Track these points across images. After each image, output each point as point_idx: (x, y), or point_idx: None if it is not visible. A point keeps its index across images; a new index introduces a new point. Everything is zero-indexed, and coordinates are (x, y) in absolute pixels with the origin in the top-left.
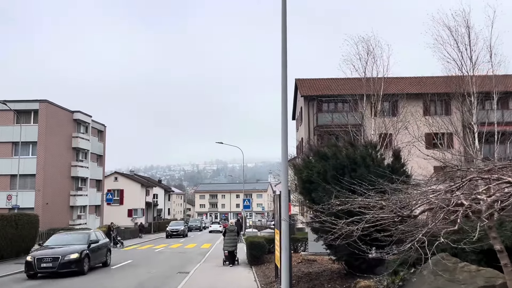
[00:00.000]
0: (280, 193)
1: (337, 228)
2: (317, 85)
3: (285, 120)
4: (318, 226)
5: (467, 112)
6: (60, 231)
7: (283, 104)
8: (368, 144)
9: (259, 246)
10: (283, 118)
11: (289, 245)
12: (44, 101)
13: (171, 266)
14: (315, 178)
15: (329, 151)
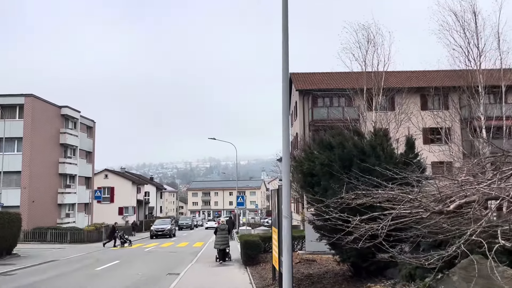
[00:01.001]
0: (279, 188)
1: (351, 226)
2: (312, 79)
3: (287, 98)
4: (321, 223)
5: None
6: (47, 229)
7: (284, 83)
8: (378, 131)
9: (254, 246)
10: (284, 97)
11: (291, 246)
12: (29, 95)
13: (160, 266)
14: (318, 171)
15: (335, 140)
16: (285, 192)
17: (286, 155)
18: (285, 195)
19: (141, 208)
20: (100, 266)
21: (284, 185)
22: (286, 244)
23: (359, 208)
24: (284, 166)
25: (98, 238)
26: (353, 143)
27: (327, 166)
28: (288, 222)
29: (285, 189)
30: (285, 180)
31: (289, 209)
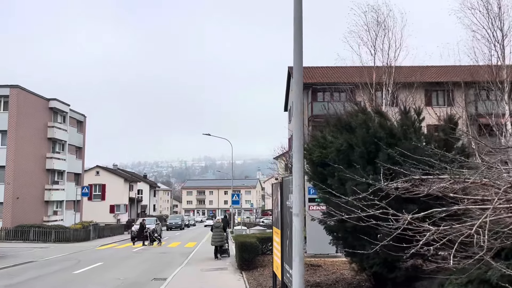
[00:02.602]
0: (282, 181)
1: (394, 226)
2: (312, 73)
3: (300, 40)
4: (335, 223)
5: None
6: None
7: (297, 24)
8: (408, 111)
9: (251, 248)
10: (296, 53)
11: (302, 253)
12: (15, 86)
13: (147, 270)
14: (332, 159)
15: (355, 120)
16: (296, 181)
17: (298, 132)
18: (297, 186)
19: (133, 206)
20: (79, 269)
21: (296, 171)
22: (297, 251)
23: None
24: (296, 146)
25: (86, 237)
26: (379, 123)
27: (345, 153)
28: (300, 222)
29: (296, 177)
30: (297, 166)
31: (301, 204)
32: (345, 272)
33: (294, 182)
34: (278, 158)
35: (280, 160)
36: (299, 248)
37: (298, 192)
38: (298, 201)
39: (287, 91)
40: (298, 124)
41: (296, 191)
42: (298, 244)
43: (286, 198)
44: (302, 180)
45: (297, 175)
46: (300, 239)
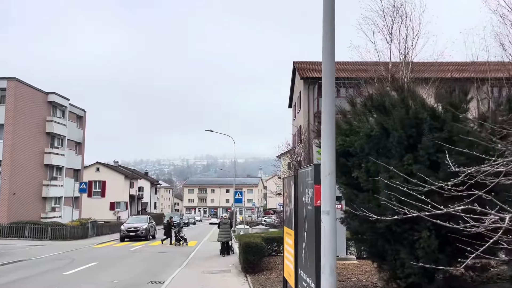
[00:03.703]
0: (297, 174)
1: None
2: (318, 68)
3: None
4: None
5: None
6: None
7: None
8: (452, 90)
9: (257, 249)
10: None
11: (334, 260)
12: (12, 79)
13: (144, 271)
14: (359, 146)
15: (391, 99)
16: (327, 168)
17: (329, 83)
18: (327, 174)
19: (134, 204)
20: (72, 269)
21: (327, 153)
22: (328, 260)
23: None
24: (327, 117)
25: (83, 234)
26: (421, 102)
27: (377, 139)
28: (331, 222)
29: (327, 161)
30: (327, 146)
31: (333, 199)
32: (361, 277)
33: (323, 169)
34: (282, 156)
35: (284, 157)
36: (330, 256)
37: (329, 183)
38: (328, 195)
39: (291, 87)
40: (329, 88)
41: (326, 182)
42: (329, 252)
43: (302, 193)
44: (334, 165)
45: (328, 159)
46: (331, 245)
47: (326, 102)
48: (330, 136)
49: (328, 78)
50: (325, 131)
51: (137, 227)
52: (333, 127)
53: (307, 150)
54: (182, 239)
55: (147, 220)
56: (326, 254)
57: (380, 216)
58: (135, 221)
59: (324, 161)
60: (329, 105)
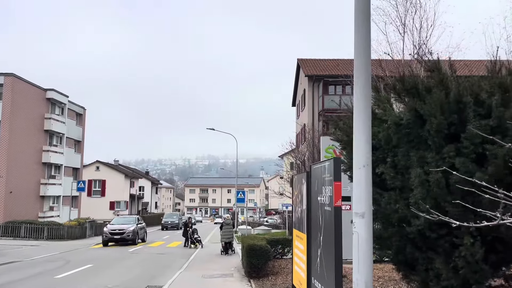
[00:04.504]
0: (311, 170)
1: None
2: (322, 66)
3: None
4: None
5: None
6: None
7: None
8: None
9: (262, 252)
10: None
11: (371, 273)
12: (10, 74)
13: (141, 274)
14: (385, 138)
15: (424, 82)
16: (361, 159)
17: (364, 62)
18: (361, 167)
19: (134, 203)
20: (65, 271)
21: (359, 141)
22: (364, 273)
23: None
24: (361, 93)
25: (81, 234)
26: (462, 85)
27: (409, 128)
28: (367, 227)
29: (360, 151)
30: (360, 132)
31: (369, 198)
32: (375, 284)
33: (357, 160)
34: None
35: (287, 156)
36: (366, 270)
37: (365, 178)
38: (365, 193)
39: (295, 85)
40: (363, 57)
41: (361, 177)
42: (365, 265)
43: (317, 192)
44: (370, 155)
45: (363, 147)
46: (367, 257)
47: (360, 74)
48: (365, 119)
49: (361, 45)
50: (358, 112)
51: (122, 229)
52: (368, 108)
53: (312, 149)
54: (196, 241)
55: (135, 220)
56: (360, 267)
57: (411, 218)
58: (120, 222)
59: (357, 150)
60: (364, 79)
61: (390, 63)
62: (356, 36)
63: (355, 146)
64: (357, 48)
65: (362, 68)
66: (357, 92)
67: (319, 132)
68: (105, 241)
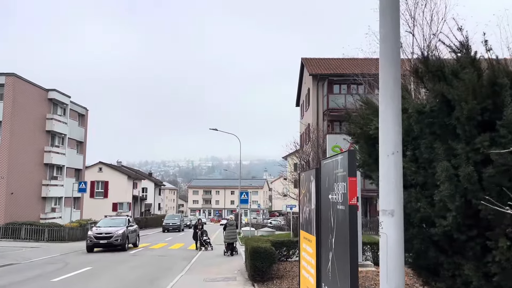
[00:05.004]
0: (325, 164)
1: None
2: (327, 65)
3: None
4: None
5: None
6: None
7: None
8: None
9: (266, 255)
10: None
11: (402, 281)
12: (11, 74)
13: (141, 277)
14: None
15: (451, 64)
16: (389, 146)
17: (392, 28)
18: (390, 154)
19: (137, 205)
20: (62, 274)
21: (387, 122)
22: (393, 283)
23: None
24: (387, 61)
25: (83, 236)
26: (498, 64)
27: (434, 116)
28: (398, 227)
29: (390, 135)
30: (388, 111)
31: (399, 191)
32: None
33: (384, 146)
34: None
35: (292, 157)
36: (397, 278)
37: (394, 167)
38: (394, 186)
39: (299, 85)
40: (390, 22)
41: (390, 166)
42: (395, 272)
43: (328, 189)
44: (400, 140)
45: (392, 131)
46: (398, 263)
47: (388, 41)
48: (394, 91)
49: (389, 7)
50: (386, 82)
51: (110, 233)
52: (397, 76)
53: (316, 149)
54: (205, 243)
55: (126, 222)
56: (390, 276)
57: (435, 218)
58: (108, 224)
59: (385, 134)
60: (392, 47)
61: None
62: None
63: (382, 128)
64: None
65: (388, 23)
66: (383, 56)
67: (323, 131)
68: (90, 246)
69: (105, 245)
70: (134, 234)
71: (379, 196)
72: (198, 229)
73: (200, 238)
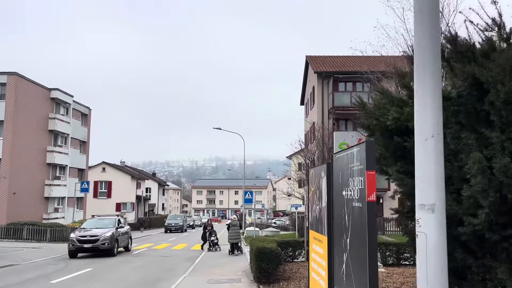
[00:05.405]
0: (338, 158)
1: None
2: (331, 62)
3: None
4: None
5: None
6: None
7: None
8: None
9: (272, 256)
10: None
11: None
12: (13, 73)
13: (142, 279)
14: None
15: (480, 44)
16: (428, 128)
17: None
18: (429, 138)
19: (141, 205)
20: (62, 276)
21: (424, 98)
22: (436, 286)
23: None
24: (423, 29)
25: None
26: None
27: (463, 103)
28: (439, 224)
29: (428, 115)
30: (425, 88)
31: (440, 181)
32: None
33: (421, 129)
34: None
35: (297, 156)
36: (441, 282)
37: (435, 153)
38: (434, 175)
39: (303, 83)
40: None
41: (428, 151)
42: (436, 276)
43: (341, 185)
44: (441, 122)
45: (428, 109)
46: (441, 266)
47: (425, 5)
48: (433, 60)
49: None
50: (422, 49)
51: (95, 235)
52: (436, 39)
53: (322, 147)
54: (212, 244)
55: (115, 223)
56: (431, 283)
57: (463, 216)
58: (95, 225)
59: (422, 114)
60: (430, 11)
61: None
62: None
63: (419, 107)
64: None
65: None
66: (417, 10)
67: (329, 130)
68: (72, 251)
69: (90, 250)
70: (125, 236)
71: (416, 189)
72: (207, 229)
73: (208, 238)
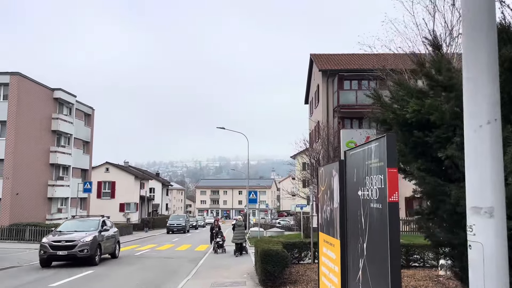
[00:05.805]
0: (352, 154)
1: None
2: (336, 60)
3: None
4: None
5: None
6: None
7: None
8: None
9: (278, 258)
10: None
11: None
12: (16, 73)
13: (145, 282)
14: (450, 109)
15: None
16: (483, 114)
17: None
18: (484, 125)
19: (145, 205)
20: (62, 279)
21: (478, 63)
22: None
23: None
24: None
25: None
26: None
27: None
28: (500, 232)
29: (480, 100)
30: (477, 64)
31: (500, 176)
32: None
33: (471, 115)
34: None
35: (302, 155)
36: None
37: (490, 143)
38: (490, 171)
39: (308, 82)
40: None
41: (485, 140)
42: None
43: (356, 184)
44: (499, 104)
45: (483, 90)
46: (503, 280)
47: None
48: (488, 28)
49: None
50: (473, 17)
51: (72, 240)
52: (492, 22)
53: (327, 146)
54: (218, 245)
55: (98, 225)
56: None
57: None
58: (73, 227)
59: (475, 96)
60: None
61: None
62: None
63: (469, 85)
64: None
65: None
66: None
67: (334, 129)
68: (44, 260)
69: (65, 258)
70: (111, 241)
71: (466, 189)
72: (215, 230)
73: (214, 238)
